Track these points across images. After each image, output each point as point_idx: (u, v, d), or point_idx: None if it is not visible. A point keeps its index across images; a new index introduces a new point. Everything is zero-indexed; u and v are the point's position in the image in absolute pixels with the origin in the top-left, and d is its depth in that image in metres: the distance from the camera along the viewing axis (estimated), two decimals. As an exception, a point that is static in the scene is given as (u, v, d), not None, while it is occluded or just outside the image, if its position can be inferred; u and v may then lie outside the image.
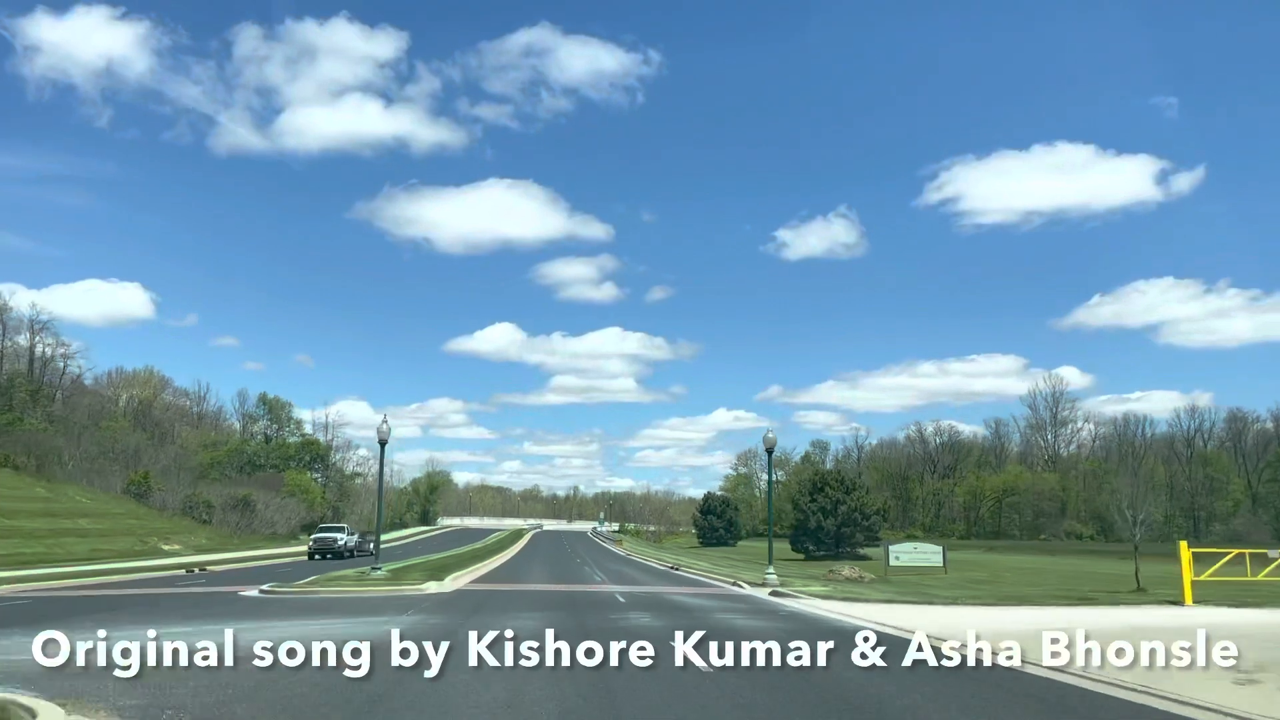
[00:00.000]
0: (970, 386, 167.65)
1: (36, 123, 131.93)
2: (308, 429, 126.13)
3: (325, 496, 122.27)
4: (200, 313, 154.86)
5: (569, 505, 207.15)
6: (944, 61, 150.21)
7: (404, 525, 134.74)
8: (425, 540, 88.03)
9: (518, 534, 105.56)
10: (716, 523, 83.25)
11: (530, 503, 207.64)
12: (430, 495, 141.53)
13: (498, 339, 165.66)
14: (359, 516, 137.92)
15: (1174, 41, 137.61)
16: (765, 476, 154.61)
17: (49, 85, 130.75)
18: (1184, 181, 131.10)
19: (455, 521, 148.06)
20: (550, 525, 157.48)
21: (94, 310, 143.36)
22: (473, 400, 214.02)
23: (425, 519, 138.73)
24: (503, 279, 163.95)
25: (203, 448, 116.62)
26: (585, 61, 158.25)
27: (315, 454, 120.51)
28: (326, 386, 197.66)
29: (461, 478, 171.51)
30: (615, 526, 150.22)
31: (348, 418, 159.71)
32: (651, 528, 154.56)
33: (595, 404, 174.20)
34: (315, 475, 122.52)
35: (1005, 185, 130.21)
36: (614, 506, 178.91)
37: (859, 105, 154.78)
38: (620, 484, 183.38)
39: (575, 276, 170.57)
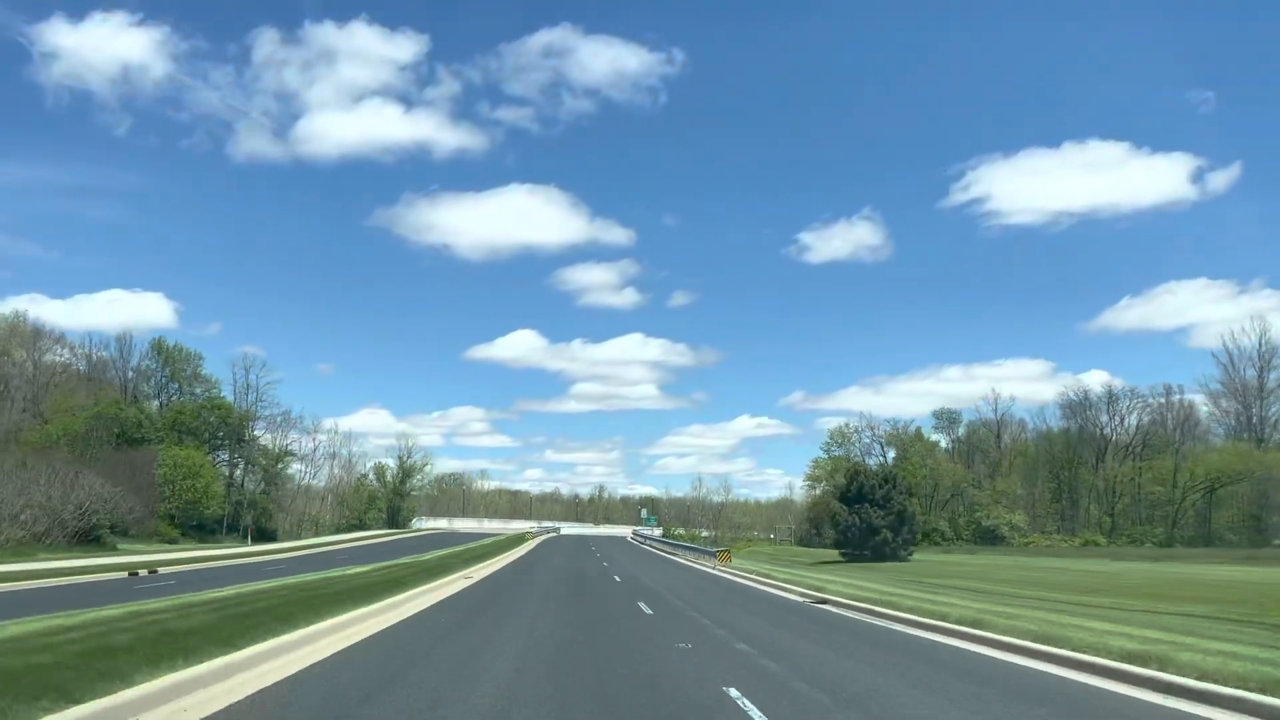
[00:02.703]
0: (996, 391, 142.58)
1: (56, 132, 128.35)
2: (226, 395, 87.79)
3: (240, 485, 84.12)
4: (223, 321, 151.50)
5: (593, 507, 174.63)
6: (971, 57, 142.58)
7: (363, 526, 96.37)
8: (322, 555, 49.73)
9: (514, 541, 66.92)
10: (877, 519, 43.66)
11: (548, 504, 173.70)
12: (401, 486, 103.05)
13: (519, 346, 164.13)
14: (298, 518, 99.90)
15: (1210, 33, 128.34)
16: (873, 459, 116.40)
17: (67, 93, 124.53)
18: (1220, 180, 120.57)
19: (441, 524, 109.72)
20: (572, 529, 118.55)
21: (117, 320, 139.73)
22: (494, 408, 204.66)
23: (394, 520, 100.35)
24: (523, 285, 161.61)
25: (64, 413, 79.12)
26: (607, 62, 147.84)
27: (225, 423, 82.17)
28: (348, 395, 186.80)
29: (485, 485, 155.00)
30: (658, 531, 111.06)
31: (278, 377, 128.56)
32: (705, 532, 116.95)
33: (616, 411, 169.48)
34: (233, 457, 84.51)
35: (1034, 185, 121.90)
36: (640, 510, 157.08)
37: (884, 104, 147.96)
38: (642, 491, 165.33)
39: (596, 282, 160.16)
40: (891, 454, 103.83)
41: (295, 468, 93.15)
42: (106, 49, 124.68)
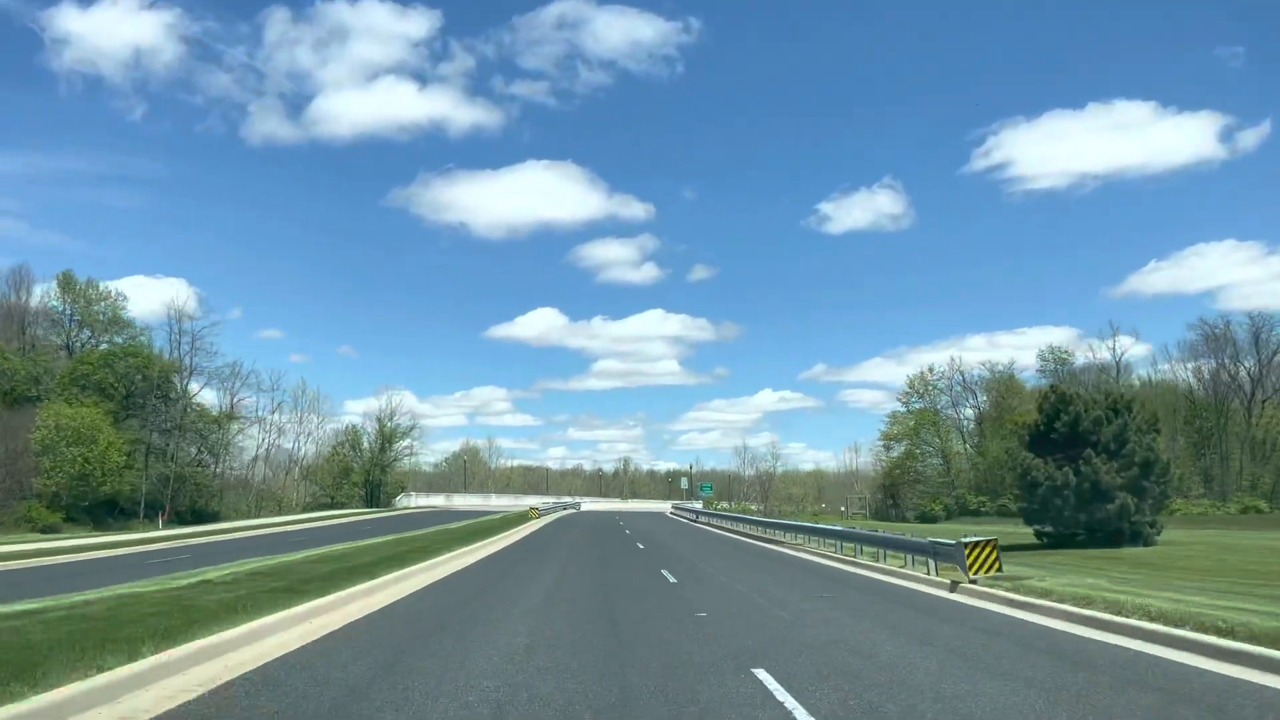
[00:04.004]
0: (1020, 360, 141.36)
1: (72, 119, 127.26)
2: (159, 344, 69.86)
3: (171, 456, 65.92)
4: (244, 306, 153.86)
5: (618, 482, 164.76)
6: (990, 18, 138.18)
7: (336, 505, 78.18)
8: (127, 558, 31.44)
9: (505, 524, 48.91)
10: (1108, 475, 23.80)
11: (569, 479, 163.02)
12: (381, 456, 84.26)
13: (539, 324, 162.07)
14: (257, 495, 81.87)
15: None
16: (965, 410, 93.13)
17: (79, 79, 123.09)
18: (1249, 138, 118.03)
19: (437, 501, 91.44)
20: (595, 505, 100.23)
21: (141, 307, 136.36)
22: (516, 387, 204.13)
23: (373, 496, 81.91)
24: (542, 263, 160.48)
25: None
26: (621, 33, 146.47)
27: (143, 376, 64.00)
28: (370, 377, 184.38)
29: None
30: (696, 504, 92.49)
31: (216, 319, 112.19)
32: (753, 505, 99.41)
33: (638, 387, 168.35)
34: (164, 421, 66.38)
35: (1058, 148, 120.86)
36: (671, 482, 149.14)
37: (902, 69, 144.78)
38: (667, 466, 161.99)
39: (616, 258, 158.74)
40: (984, 402, 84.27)
41: (251, 434, 75.10)
42: (117, 33, 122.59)
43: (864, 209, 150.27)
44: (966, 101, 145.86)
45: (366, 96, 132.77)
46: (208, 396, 71.96)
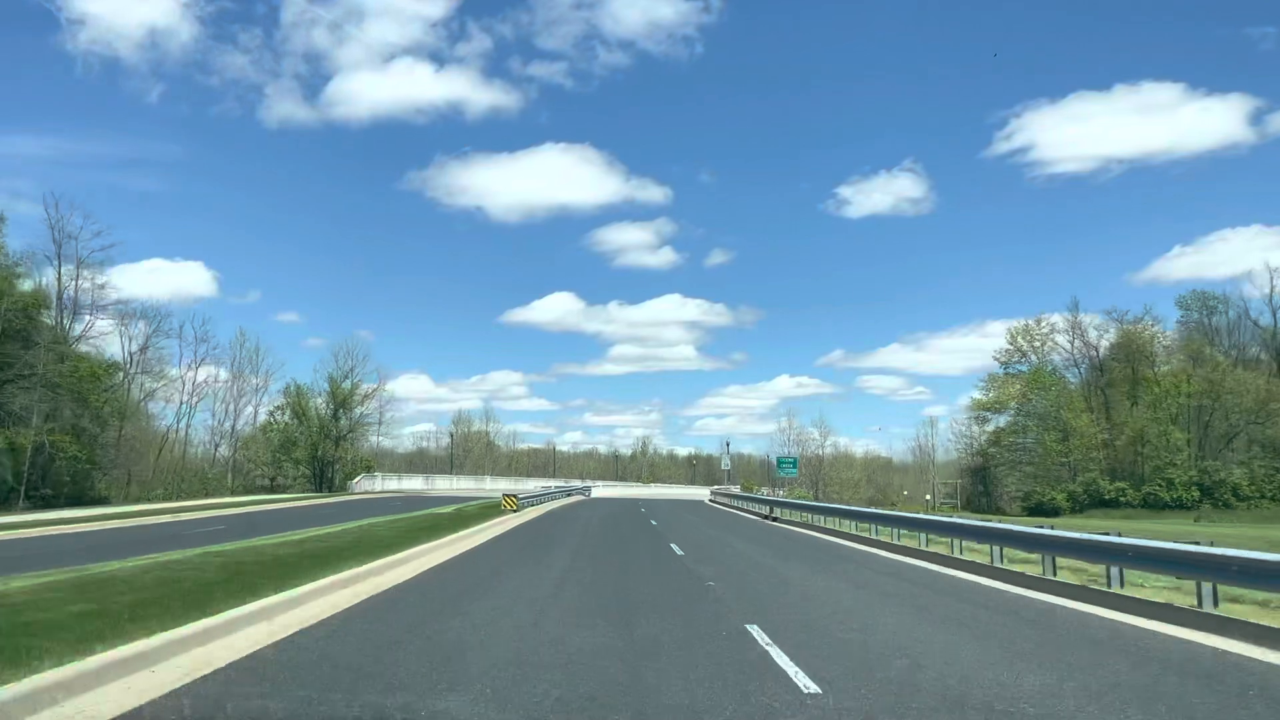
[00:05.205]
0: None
1: (88, 101, 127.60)
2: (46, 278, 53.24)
3: (35, 419, 48.92)
4: (262, 289, 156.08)
5: (635, 466, 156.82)
6: None
7: (279, 489, 61.01)
8: None
9: (400, 537, 31.98)
10: None
11: (582, 461, 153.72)
12: (334, 424, 66.56)
13: (556, 308, 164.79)
14: (175, 473, 64.33)
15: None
16: (1082, 371, 66.09)
17: (96, 60, 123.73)
18: (1279, 121, 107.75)
19: (414, 484, 73.83)
20: (610, 490, 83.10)
21: (159, 290, 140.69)
22: (532, 372, 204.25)
23: (322, 477, 64.61)
24: (559, 247, 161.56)
25: None
26: (640, 12, 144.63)
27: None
28: (388, 360, 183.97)
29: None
30: (734, 488, 74.89)
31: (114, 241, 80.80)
32: (804, 490, 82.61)
33: (655, 373, 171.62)
34: (21, 372, 49.32)
35: (1082, 131, 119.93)
36: (698, 466, 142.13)
37: (923, 50, 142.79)
38: (684, 452, 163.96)
39: (633, 242, 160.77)
40: (1105, 357, 66.10)
41: (170, 396, 58.08)
42: (133, 14, 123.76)
43: (884, 193, 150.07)
44: (989, 84, 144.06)
45: (383, 78, 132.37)
46: (113, 347, 55.03)
